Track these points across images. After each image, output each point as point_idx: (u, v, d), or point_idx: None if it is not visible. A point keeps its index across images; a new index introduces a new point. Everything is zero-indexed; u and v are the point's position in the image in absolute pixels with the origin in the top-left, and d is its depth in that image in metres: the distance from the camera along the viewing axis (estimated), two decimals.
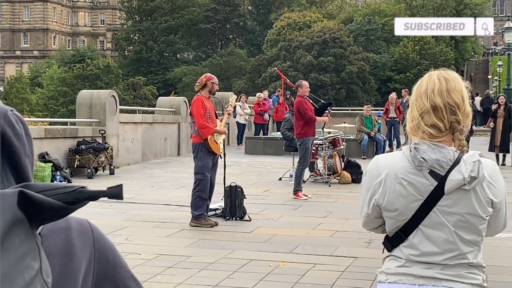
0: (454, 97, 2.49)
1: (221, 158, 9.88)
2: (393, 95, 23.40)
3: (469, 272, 2.48)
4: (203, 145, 9.56)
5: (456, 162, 2.43)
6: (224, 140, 9.92)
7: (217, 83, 9.94)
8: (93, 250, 1.22)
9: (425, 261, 2.49)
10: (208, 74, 10.16)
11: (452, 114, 2.48)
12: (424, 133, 2.49)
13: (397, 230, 2.54)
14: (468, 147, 2.60)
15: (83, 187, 1.05)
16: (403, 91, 25.59)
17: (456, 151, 2.46)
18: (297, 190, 12.22)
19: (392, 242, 2.57)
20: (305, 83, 12.51)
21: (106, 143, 15.96)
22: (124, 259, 1.31)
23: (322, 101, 14.40)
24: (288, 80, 14.38)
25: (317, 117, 12.24)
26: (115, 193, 1.06)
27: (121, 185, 1.07)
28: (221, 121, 9.91)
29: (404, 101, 22.96)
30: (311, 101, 12.52)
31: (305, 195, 12.21)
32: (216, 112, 10.08)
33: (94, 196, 1.05)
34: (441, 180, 2.43)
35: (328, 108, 13.64)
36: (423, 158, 2.45)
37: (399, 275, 2.52)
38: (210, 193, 9.71)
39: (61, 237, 1.17)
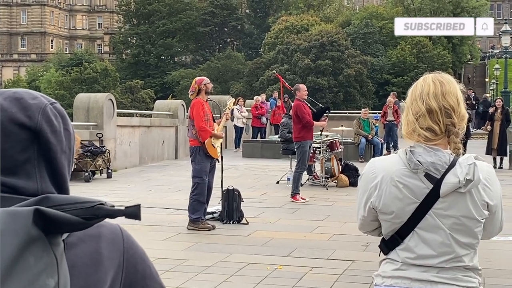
0: (449, 100, 2.50)
1: (218, 161, 9.87)
2: (390, 98, 23.48)
3: (465, 275, 2.48)
4: (201, 148, 9.55)
5: (452, 165, 2.44)
6: (221, 144, 9.91)
7: (209, 82, 9.90)
8: (122, 260, 1.21)
9: (421, 264, 2.49)
10: (197, 78, 10.06)
11: (447, 117, 2.48)
12: (420, 136, 2.49)
13: (393, 233, 2.54)
14: (465, 150, 2.60)
15: (102, 204, 1.05)
16: (391, 94, 25.63)
17: (451, 154, 2.47)
18: (295, 193, 12.21)
19: (388, 245, 2.57)
20: (303, 87, 12.50)
21: (104, 146, 15.94)
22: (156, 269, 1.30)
23: (320, 105, 14.40)
24: (286, 83, 14.39)
25: (314, 122, 12.23)
26: (133, 213, 1.06)
27: (139, 205, 1.07)
28: (218, 124, 9.89)
29: (391, 104, 22.95)
30: (309, 104, 12.50)
31: (303, 199, 12.20)
32: (214, 115, 10.08)
33: (112, 214, 1.05)
34: (437, 183, 2.43)
35: (326, 112, 13.66)
36: (418, 161, 2.45)
37: (395, 278, 2.52)
38: (207, 197, 9.71)
39: (89, 245, 1.16)
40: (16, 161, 1.14)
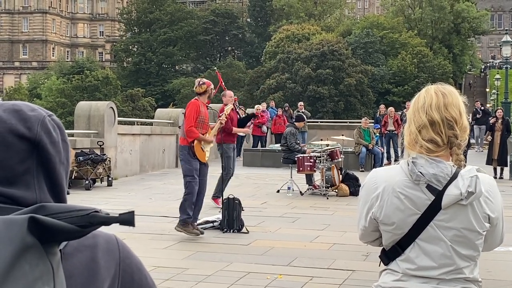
0: (451, 111, 2.50)
1: (206, 166, 9.73)
2: (391, 108, 23.53)
3: (465, 287, 2.48)
4: (190, 148, 9.52)
5: (454, 177, 2.44)
6: (211, 149, 9.86)
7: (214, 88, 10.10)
8: (118, 270, 1.22)
9: (422, 276, 2.48)
10: (205, 79, 10.13)
11: (449, 128, 2.48)
12: (422, 148, 2.49)
13: (394, 244, 2.54)
14: (466, 161, 2.60)
15: (97, 211, 1.06)
16: (407, 103, 25.60)
17: (453, 165, 2.47)
18: (216, 196, 12.13)
19: (388, 256, 2.57)
20: (229, 93, 12.50)
21: (104, 154, 15.95)
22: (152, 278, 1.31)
23: (247, 112, 14.49)
24: (223, 84, 14.19)
25: (235, 128, 12.25)
26: (127, 220, 1.07)
27: (133, 212, 1.08)
28: (211, 129, 9.89)
29: (391, 113, 22.99)
30: (237, 110, 12.46)
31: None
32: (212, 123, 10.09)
33: (107, 221, 1.06)
34: (438, 194, 2.43)
35: (252, 119, 13.66)
36: (420, 172, 2.45)
37: None
38: (201, 195, 9.61)
39: (85, 255, 1.17)
40: (15, 171, 1.14)
